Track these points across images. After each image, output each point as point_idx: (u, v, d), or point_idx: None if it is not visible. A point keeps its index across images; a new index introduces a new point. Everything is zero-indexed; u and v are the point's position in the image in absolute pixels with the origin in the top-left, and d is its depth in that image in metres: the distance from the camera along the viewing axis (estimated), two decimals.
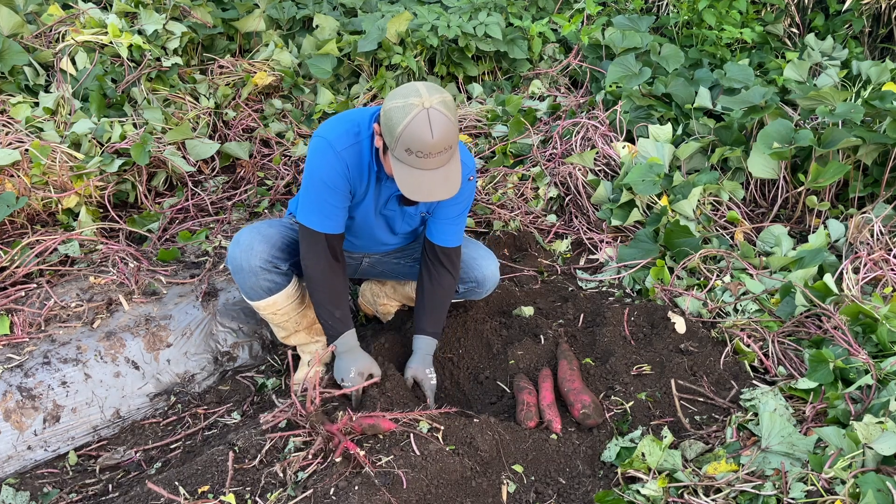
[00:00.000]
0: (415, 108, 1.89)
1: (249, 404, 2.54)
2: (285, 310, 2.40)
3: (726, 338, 2.53)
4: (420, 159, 1.93)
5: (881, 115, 3.16)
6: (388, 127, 1.94)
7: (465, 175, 2.30)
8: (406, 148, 1.92)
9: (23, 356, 2.38)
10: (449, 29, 4.22)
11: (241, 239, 2.30)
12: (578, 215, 3.46)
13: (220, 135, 3.94)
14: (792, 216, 3.35)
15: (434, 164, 1.95)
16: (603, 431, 2.23)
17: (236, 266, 2.31)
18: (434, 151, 1.92)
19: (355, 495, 1.82)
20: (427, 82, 1.99)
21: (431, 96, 1.91)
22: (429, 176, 1.96)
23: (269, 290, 2.34)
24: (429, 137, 1.89)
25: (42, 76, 3.72)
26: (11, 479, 2.24)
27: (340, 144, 2.12)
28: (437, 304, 2.43)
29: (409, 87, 1.95)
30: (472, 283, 2.55)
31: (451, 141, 1.95)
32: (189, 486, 1.96)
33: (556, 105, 4.08)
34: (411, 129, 1.89)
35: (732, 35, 4.26)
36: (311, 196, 2.18)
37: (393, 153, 1.97)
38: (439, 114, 1.90)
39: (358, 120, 2.16)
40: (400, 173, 1.97)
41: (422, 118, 1.89)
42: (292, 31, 4.72)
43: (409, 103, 1.90)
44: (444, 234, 2.37)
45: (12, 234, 2.98)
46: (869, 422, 1.91)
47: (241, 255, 2.28)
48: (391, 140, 1.95)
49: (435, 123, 1.89)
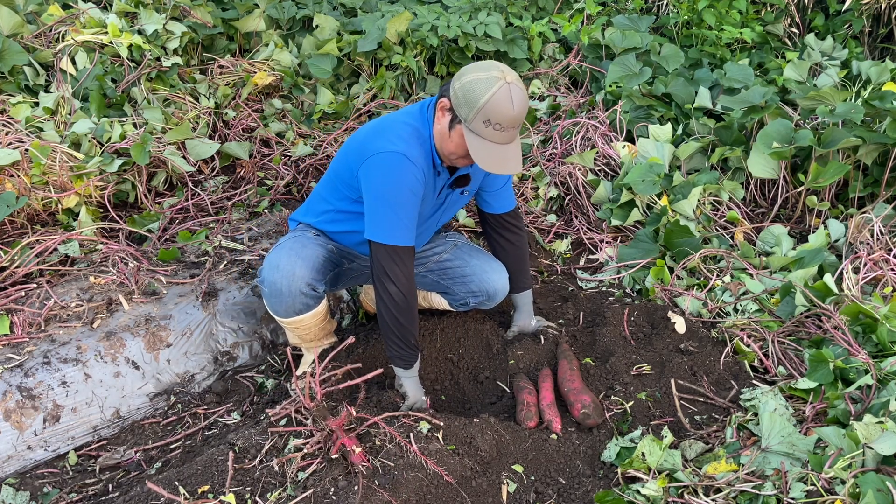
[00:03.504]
0: (498, 82, 1.95)
1: (249, 404, 2.54)
2: (309, 326, 2.42)
3: (726, 338, 2.53)
4: (496, 132, 1.98)
5: (881, 115, 3.16)
6: (469, 99, 1.97)
7: None
8: (486, 119, 1.96)
9: (23, 356, 2.38)
10: (449, 29, 4.22)
11: (280, 264, 2.27)
12: (578, 215, 3.46)
13: (220, 135, 3.94)
14: (792, 216, 3.35)
15: (507, 139, 2.01)
16: (603, 431, 2.23)
17: (275, 290, 2.28)
18: (511, 125, 1.98)
19: (355, 495, 1.82)
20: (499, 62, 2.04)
21: (509, 73, 1.99)
22: (503, 150, 2.02)
23: (300, 312, 2.34)
24: (510, 110, 1.95)
25: (42, 76, 3.72)
26: (11, 478, 2.24)
27: (414, 153, 2.10)
28: (519, 263, 2.57)
29: (486, 63, 2.01)
30: (484, 296, 2.56)
31: (524, 118, 2.03)
32: (189, 486, 1.96)
33: (556, 105, 4.08)
34: (495, 101, 1.94)
35: (732, 35, 4.26)
36: (394, 211, 2.10)
37: (468, 125, 1.99)
38: (519, 90, 1.98)
39: (414, 122, 2.15)
40: (475, 145, 2.00)
41: (504, 91, 1.95)
42: (292, 31, 4.72)
43: (492, 76, 1.96)
44: (502, 200, 2.48)
45: (12, 234, 2.98)
46: (869, 422, 1.91)
47: (283, 280, 2.26)
48: (469, 112, 1.97)
49: (516, 97, 1.96)
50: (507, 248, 2.56)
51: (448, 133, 2.08)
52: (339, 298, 2.95)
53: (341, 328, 2.91)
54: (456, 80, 2.01)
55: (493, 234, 2.56)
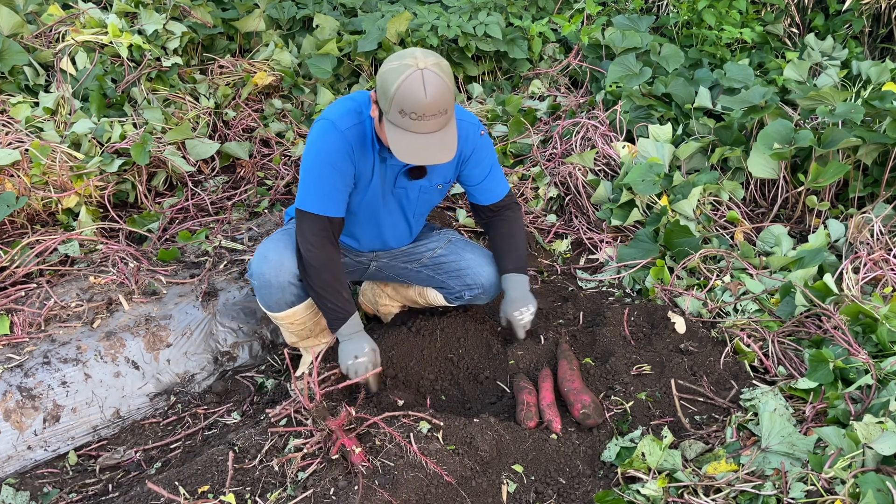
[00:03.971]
0: (409, 69, 1.88)
1: (249, 404, 2.54)
2: (303, 319, 2.41)
3: (726, 338, 2.53)
4: (414, 121, 1.90)
5: (881, 115, 3.16)
6: (383, 89, 1.92)
7: (476, 133, 2.28)
8: (400, 109, 1.89)
9: (23, 356, 2.38)
10: (449, 29, 4.22)
11: (269, 255, 2.27)
12: (578, 215, 3.46)
13: (220, 135, 3.94)
14: (792, 216, 3.35)
15: (428, 128, 1.92)
16: (603, 431, 2.23)
17: (264, 282, 2.28)
18: (428, 113, 1.89)
19: (355, 495, 1.82)
20: (424, 48, 1.99)
21: (427, 58, 1.91)
22: (423, 139, 1.94)
23: (292, 304, 2.34)
24: (422, 97, 1.87)
25: (42, 76, 3.72)
26: (11, 478, 2.24)
27: (343, 124, 2.09)
28: (512, 243, 2.47)
29: (404, 51, 1.95)
30: (479, 289, 2.55)
31: (446, 104, 1.92)
32: (189, 486, 1.96)
33: (556, 105, 4.08)
34: (405, 89, 1.87)
35: (732, 35, 4.26)
36: (313, 178, 2.13)
37: (387, 116, 1.95)
38: (433, 74, 1.88)
39: (360, 100, 2.15)
40: (393, 136, 1.94)
41: (415, 77, 1.87)
42: (292, 31, 4.72)
43: (404, 63, 1.89)
44: (487, 191, 2.40)
45: (12, 234, 2.98)
46: (869, 422, 1.91)
47: (271, 271, 2.26)
48: (385, 102, 1.93)
49: (429, 83, 1.87)
50: (499, 233, 2.49)
51: (379, 125, 2.04)
52: None
53: None
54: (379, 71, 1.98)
55: (486, 224, 2.53)
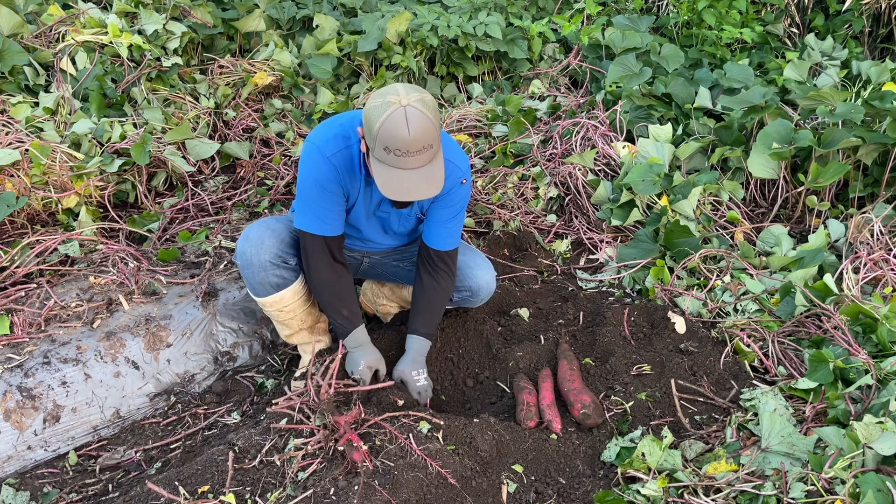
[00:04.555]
0: (391, 106, 1.88)
1: (249, 404, 2.55)
2: (292, 306, 2.40)
3: (726, 338, 2.53)
4: (399, 157, 1.91)
5: (881, 115, 3.16)
6: (368, 126, 1.94)
7: (458, 178, 2.27)
8: (384, 146, 1.90)
9: (23, 356, 2.38)
10: (449, 29, 4.22)
11: (250, 234, 2.31)
12: (578, 215, 3.46)
13: (220, 135, 3.94)
14: (792, 216, 3.35)
15: (413, 164, 1.93)
16: (603, 431, 2.23)
17: (245, 261, 2.30)
18: (412, 149, 1.89)
19: (355, 495, 1.82)
20: (408, 84, 1.98)
21: (409, 95, 1.90)
22: (408, 175, 1.94)
23: (278, 286, 2.34)
24: (405, 134, 1.87)
25: (42, 76, 3.72)
26: (11, 479, 2.24)
27: (329, 150, 2.11)
28: (432, 305, 2.43)
29: (388, 88, 1.95)
30: (467, 291, 2.54)
31: (431, 139, 1.92)
32: (189, 486, 1.96)
33: (556, 105, 4.08)
34: (388, 126, 1.88)
35: (732, 35, 4.26)
36: (305, 200, 2.19)
37: (373, 153, 1.96)
38: (416, 111, 1.88)
39: (347, 123, 2.15)
40: (379, 173, 1.96)
41: (398, 115, 1.87)
42: (292, 31, 4.72)
43: (387, 101, 1.89)
44: (437, 237, 2.36)
45: (12, 234, 2.98)
46: (869, 422, 1.91)
47: (251, 249, 2.28)
48: (370, 139, 1.94)
49: (412, 120, 1.87)
50: (428, 286, 2.40)
51: (369, 161, 2.05)
52: None
53: None
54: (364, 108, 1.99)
55: (421, 266, 2.41)
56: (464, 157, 2.31)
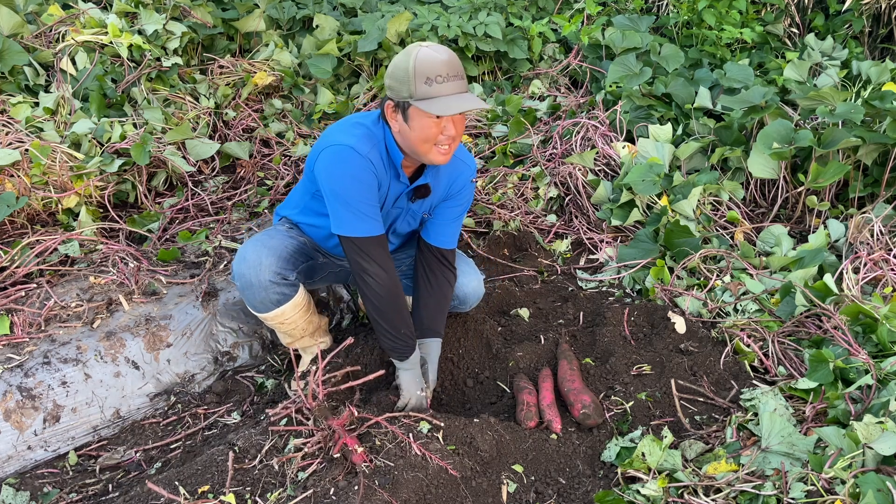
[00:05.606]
0: (415, 48, 1.99)
1: (249, 404, 2.55)
2: (293, 318, 2.39)
3: (726, 338, 2.53)
4: (441, 84, 1.96)
5: (881, 115, 3.16)
6: (400, 77, 1.98)
7: (468, 177, 2.34)
8: (425, 79, 1.95)
9: (23, 356, 2.38)
10: (449, 29, 4.22)
11: (247, 255, 2.26)
12: (578, 215, 3.46)
13: (220, 135, 3.94)
14: (792, 216, 3.35)
15: (456, 88, 1.99)
16: (603, 431, 2.23)
17: (245, 283, 2.27)
18: (450, 73, 1.97)
19: (355, 495, 1.82)
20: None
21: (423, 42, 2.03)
22: (457, 97, 2.00)
23: (278, 302, 2.32)
24: (440, 58, 1.96)
25: (42, 76, 3.72)
26: (11, 479, 2.24)
27: (363, 148, 2.08)
28: (441, 305, 2.41)
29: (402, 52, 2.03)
30: (456, 300, 2.55)
31: (460, 68, 2.01)
32: (189, 486, 1.96)
33: (556, 105, 4.08)
34: (421, 60, 1.95)
35: (732, 35, 4.26)
36: (352, 204, 2.08)
37: (414, 98, 1.98)
38: (437, 45, 2.01)
39: (365, 124, 2.15)
40: (433, 106, 1.97)
41: (425, 50, 1.97)
42: (292, 31, 4.72)
43: (406, 50, 2.00)
44: (442, 235, 2.37)
45: (12, 234, 2.98)
46: (869, 422, 1.91)
47: (250, 271, 2.25)
48: (408, 86, 1.97)
49: (438, 50, 1.98)
50: (435, 285, 2.38)
51: (408, 125, 2.04)
52: (339, 299, 2.95)
53: (341, 328, 2.91)
54: (385, 80, 2.06)
55: (423, 267, 2.40)
56: (472, 157, 2.38)
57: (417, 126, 2.03)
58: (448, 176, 2.30)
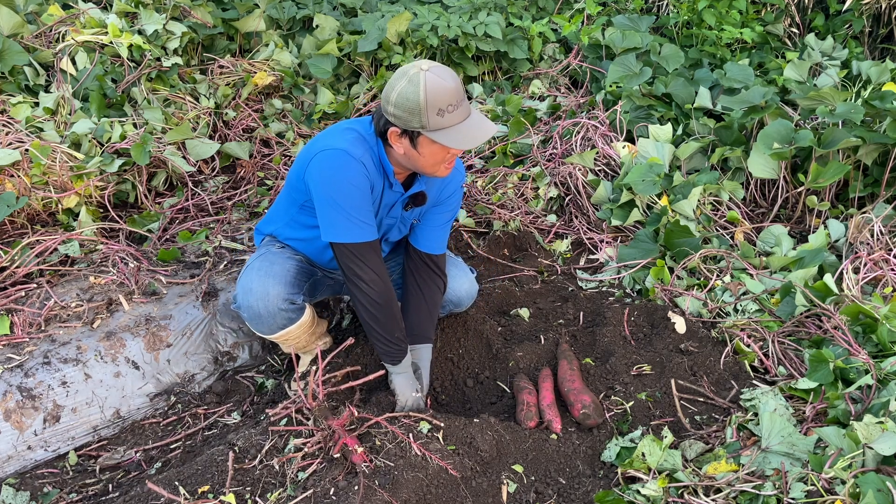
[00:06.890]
0: (419, 75, 1.92)
1: (249, 404, 2.55)
2: (297, 335, 2.40)
3: (726, 338, 2.53)
4: (452, 113, 1.95)
5: (881, 115, 3.16)
6: (410, 108, 1.93)
7: (460, 181, 2.34)
8: (437, 110, 1.92)
9: (23, 356, 2.38)
10: (449, 29, 4.22)
11: (252, 286, 2.23)
12: (578, 215, 3.46)
13: (220, 135, 3.94)
14: (792, 216, 3.35)
15: (466, 112, 1.99)
16: (603, 431, 2.23)
17: (254, 314, 2.25)
18: (459, 99, 1.95)
19: (355, 495, 1.82)
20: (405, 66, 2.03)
21: (422, 64, 1.96)
22: (467, 124, 1.99)
23: (284, 325, 2.31)
24: (448, 86, 1.92)
25: (42, 76, 3.72)
26: (11, 479, 2.24)
27: (357, 152, 2.06)
28: (432, 310, 2.40)
29: (398, 72, 1.98)
30: (450, 304, 2.55)
31: (464, 89, 2.00)
32: (189, 486, 1.96)
33: (556, 105, 4.08)
34: (431, 90, 1.91)
35: (732, 35, 4.26)
36: (345, 209, 2.05)
37: (427, 130, 1.95)
38: (439, 68, 1.96)
39: (357, 129, 2.12)
40: (447, 137, 1.96)
41: (431, 77, 1.92)
42: (292, 31, 4.72)
43: (411, 75, 1.93)
44: (431, 240, 2.36)
45: (12, 234, 2.98)
46: (869, 422, 1.91)
47: (259, 302, 2.23)
48: (419, 118, 1.93)
49: (443, 75, 1.94)
50: (426, 290, 2.37)
51: (417, 151, 2.03)
52: (339, 299, 2.95)
53: (341, 328, 2.91)
54: (387, 105, 1.98)
55: (412, 273, 2.38)
56: (461, 162, 2.37)
57: (428, 153, 2.02)
58: (440, 182, 2.28)
